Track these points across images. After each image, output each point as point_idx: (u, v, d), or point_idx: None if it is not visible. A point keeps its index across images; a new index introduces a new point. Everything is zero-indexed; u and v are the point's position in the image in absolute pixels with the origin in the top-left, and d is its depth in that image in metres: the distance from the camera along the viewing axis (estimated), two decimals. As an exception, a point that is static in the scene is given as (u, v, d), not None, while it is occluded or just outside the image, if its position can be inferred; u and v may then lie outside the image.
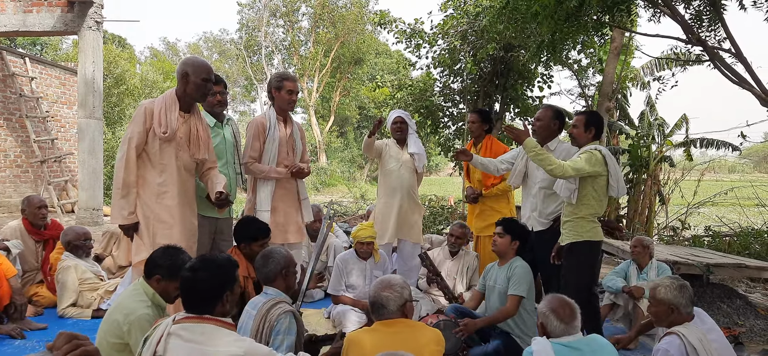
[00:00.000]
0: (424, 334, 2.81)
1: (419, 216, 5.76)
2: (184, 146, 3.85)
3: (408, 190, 5.59)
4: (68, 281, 5.00)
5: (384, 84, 14.25)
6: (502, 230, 4.19)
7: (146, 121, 3.73)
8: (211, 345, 2.24)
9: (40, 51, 25.54)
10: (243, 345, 2.28)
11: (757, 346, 4.88)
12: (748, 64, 6.11)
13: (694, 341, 2.78)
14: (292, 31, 36.52)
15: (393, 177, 5.59)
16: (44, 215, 5.42)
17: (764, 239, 8.46)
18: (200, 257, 2.52)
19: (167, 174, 3.78)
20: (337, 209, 15.31)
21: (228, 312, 2.46)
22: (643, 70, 13.21)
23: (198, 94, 3.83)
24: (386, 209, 5.60)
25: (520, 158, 4.85)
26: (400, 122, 5.66)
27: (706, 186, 12.24)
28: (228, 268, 2.50)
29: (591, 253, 4.13)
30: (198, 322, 2.32)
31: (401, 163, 5.60)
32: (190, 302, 2.39)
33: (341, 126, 41.95)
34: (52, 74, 13.08)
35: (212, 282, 2.40)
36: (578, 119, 4.24)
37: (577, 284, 4.02)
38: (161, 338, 2.26)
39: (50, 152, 12.35)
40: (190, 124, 3.90)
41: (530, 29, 7.72)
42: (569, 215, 4.14)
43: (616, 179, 4.05)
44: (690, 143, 12.16)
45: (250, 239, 4.01)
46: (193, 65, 3.79)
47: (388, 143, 5.71)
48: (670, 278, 3.17)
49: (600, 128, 4.22)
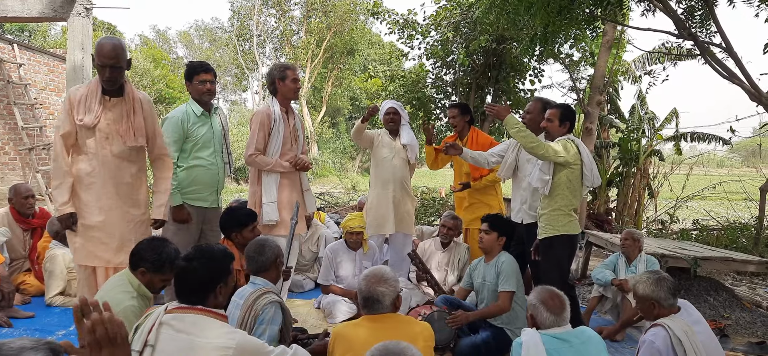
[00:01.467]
0: (413, 328, 2.80)
1: (412, 207, 5.75)
2: (113, 133, 3.68)
3: (401, 181, 5.58)
4: (56, 269, 4.98)
5: (376, 75, 14.23)
6: (488, 227, 4.20)
7: (70, 110, 3.61)
8: (202, 336, 2.22)
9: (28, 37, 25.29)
10: (235, 337, 2.26)
11: (742, 339, 4.93)
12: (738, 60, 6.14)
13: (679, 333, 2.80)
14: (284, 20, 36.33)
15: (385, 168, 5.58)
16: (31, 205, 5.38)
17: (751, 233, 8.54)
18: (196, 248, 2.50)
19: (96, 163, 3.66)
20: (328, 199, 15.30)
21: (221, 304, 2.45)
22: (635, 65, 13.27)
23: (102, 78, 3.62)
24: (379, 201, 5.58)
25: (510, 150, 4.87)
26: (393, 112, 5.61)
27: (694, 180, 12.35)
28: (223, 260, 2.48)
29: (570, 246, 4.19)
30: (190, 313, 2.30)
31: (394, 154, 5.58)
32: (183, 292, 2.38)
33: (333, 117, 41.84)
34: (40, 61, 12.94)
35: (207, 273, 2.38)
36: (552, 113, 4.25)
37: (560, 277, 4.06)
38: (153, 327, 2.23)
39: (38, 139, 12.23)
40: (122, 109, 3.73)
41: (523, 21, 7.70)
42: (544, 208, 4.17)
43: (591, 169, 4.08)
44: (680, 137, 12.25)
45: (240, 226, 3.99)
46: (96, 48, 3.60)
47: (381, 133, 5.68)
48: (647, 273, 3.19)
49: (573, 122, 4.27)
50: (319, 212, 5.68)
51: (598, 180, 4.17)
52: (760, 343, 4.64)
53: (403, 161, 5.61)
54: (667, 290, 3.01)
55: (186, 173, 4.26)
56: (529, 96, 11.40)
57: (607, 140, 12.55)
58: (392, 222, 5.53)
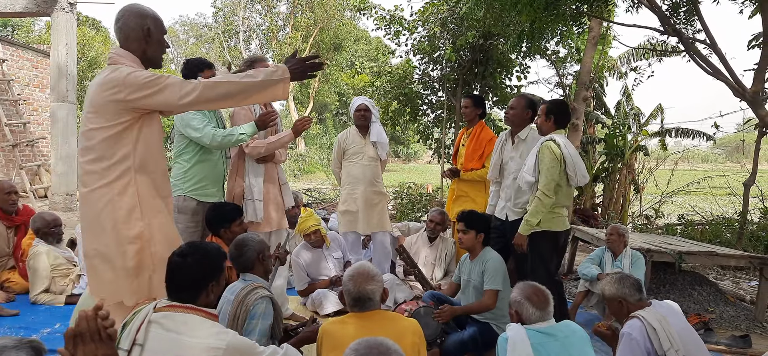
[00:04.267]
0: (401, 324, 2.79)
1: (385, 204, 5.72)
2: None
3: (371, 179, 5.55)
4: (40, 267, 4.92)
5: (363, 71, 14.20)
6: (465, 227, 4.18)
7: None
8: (192, 335, 2.17)
9: (11, 33, 24.95)
10: (225, 337, 2.21)
11: (726, 332, 4.99)
12: (722, 56, 6.20)
13: (653, 322, 2.89)
14: (269, 15, 36.15)
15: (355, 166, 5.56)
16: (14, 201, 5.31)
17: (735, 228, 8.64)
18: (190, 244, 2.44)
19: None
20: (315, 196, 15.26)
21: (212, 302, 2.40)
22: (620, 61, 13.37)
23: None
24: (349, 199, 5.57)
25: (495, 152, 4.91)
26: (364, 109, 5.56)
27: (679, 175, 12.45)
28: (217, 258, 2.43)
29: (553, 242, 4.24)
30: (180, 311, 2.25)
31: (363, 152, 5.56)
32: (174, 288, 2.32)
33: (320, 113, 41.75)
34: (24, 57, 12.81)
35: (200, 270, 2.33)
36: (541, 109, 4.35)
37: (546, 273, 4.11)
38: (141, 325, 2.19)
39: (22, 136, 12.11)
40: None
41: (509, 17, 7.73)
42: (530, 204, 4.21)
43: (574, 169, 4.09)
44: (665, 132, 12.35)
45: (228, 221, 3.95)
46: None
47: (349, 133, 5.66)
48: (610, 275, 3.30)
49: (561, 116, 4.28)
50: (305, 208, 5.66)
51: (585, 178, 4.18)
52: (743, 337, 4.70)
53: (373, 159, 5.59)
54: (631, 286, 3.13)
55: (196, 167, 4.19)
56: (515, 92, 11.44)
57: (593, 136, 12.63)
58: (364, 220, 5.52)
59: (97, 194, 2.63)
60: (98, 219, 2.64)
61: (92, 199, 2.65)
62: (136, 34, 2.75)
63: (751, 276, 7.31)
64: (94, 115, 2.61)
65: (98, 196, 2.63)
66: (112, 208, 2.63)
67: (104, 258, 2.64)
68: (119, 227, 2.63)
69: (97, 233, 2.65)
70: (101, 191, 2.63)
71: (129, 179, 2.66)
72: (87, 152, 2.65)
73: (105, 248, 2.64)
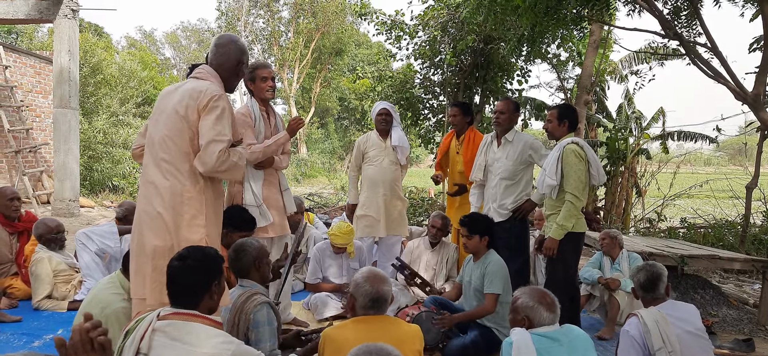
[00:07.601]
0: (403, 329, 2.79)
1: (403, 209, 5.77)
2: None
3: (390, 183, 5.59)
4: (42, 273, 4.93)
5: (364, 75, 14.22)
6: (468, 232, 4.18)
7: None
8: (198, 345, 2.13)
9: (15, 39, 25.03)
10: (231, 347, 2.17)
11: (728, 335, 4.98)
12: (723, 59, 6.20)
13: (649, 321, 2.94)
14: (272, 20, 36.22)
15: (375, 170, 5.59)
16: (17, 208, 5.32)
17: (737, 231, 8.62)
18: (186, 248, 2.43)
19: None
20: (317, 200, 15.26)
21: (216, 306, 2.39)
22: (622, 64, 13.36)
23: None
24: (369, 203, 5.59)
25: (480, 153, 4.93)
26: (385, 113, 5.62)
27: (681, 178, 12.44)
28: (216, 259, 2.42)
29: (575, 244, 4.22)
30: (185, 320, 2.21)
31: (384, 155, 5.60)
32: (176, 293, 2.29)
33: (322, 117, 41.76)
34: (26, 63, 12.84)
35: (202, 272, 2.32)
36: (551, 114, 4.36)
37: (566, 276, 4.13)
38: (145, 334, 2.14)
39: (25, 142, 12.13)
40: None
41: (510, 21, 7.74)
42: (552, 209, 4.24)
43: (597, 168, 4.16)
44: (666, 135, 12.33)
45: (235, 228, 3.84)
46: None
47: (369, 136, 5.69)
48: (643, 265, 3.31)
49: (573, 119, 4.33)
50: (308, 213, 5.67)
51: (603, 177, 4.25)
52: (746, 340, 4.69)
53: (393, 163, 5.63)
54: (638, 283, 3.24)
55: None
56: (516, 96, 11.45)
57: (594, 139, 12.62)
58: (383, 225, 5.54)
59: (170, 191, 2.75)
60: (163, 217, 2.75)
61: (163, 192, 2.75)
62: (230, 65, 3.06)
63: (754, 280, 7.29)
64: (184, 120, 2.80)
65: (171, 192, 2.75)
66: (182, 208, 2.75)
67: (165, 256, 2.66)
68: (182, 230, 2.73)
69: (160, 231, 2.74)
70: (175, 187, 2.75)
71: (201, 185, 2.81)
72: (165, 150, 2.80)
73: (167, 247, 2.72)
